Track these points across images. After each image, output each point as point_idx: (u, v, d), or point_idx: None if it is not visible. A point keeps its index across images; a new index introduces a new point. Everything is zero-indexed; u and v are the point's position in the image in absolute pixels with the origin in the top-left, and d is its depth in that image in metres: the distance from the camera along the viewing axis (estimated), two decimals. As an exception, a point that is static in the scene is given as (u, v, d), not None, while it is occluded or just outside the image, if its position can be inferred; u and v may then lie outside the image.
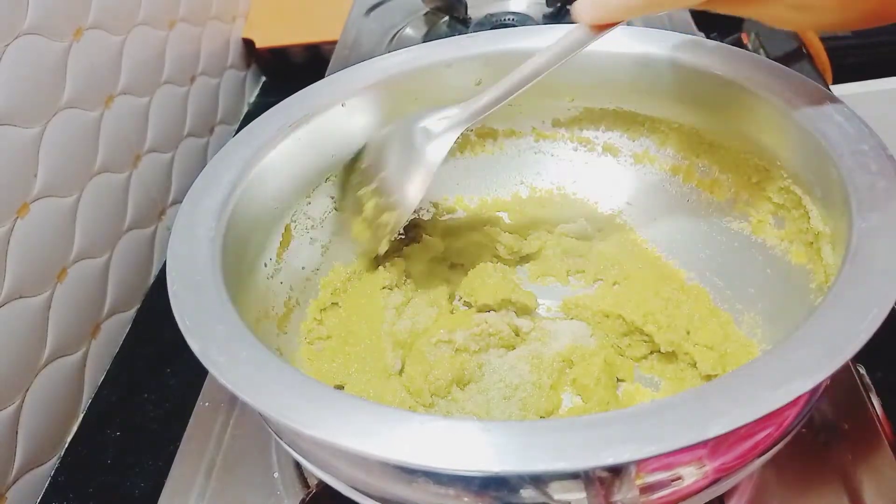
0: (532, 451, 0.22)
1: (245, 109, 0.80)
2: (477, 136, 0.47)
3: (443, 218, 0.47)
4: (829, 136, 0.31)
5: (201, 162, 0.69)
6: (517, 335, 0.42)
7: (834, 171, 0.30)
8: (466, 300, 0.44)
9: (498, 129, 0.47)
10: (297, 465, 0.39)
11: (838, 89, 0.64)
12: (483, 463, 0.22)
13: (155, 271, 0.61)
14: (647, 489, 0.25)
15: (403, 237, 0.46)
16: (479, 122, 0.38)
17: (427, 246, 0.46)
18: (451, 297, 0.45)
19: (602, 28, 0.31)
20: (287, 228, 0.41)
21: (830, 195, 0.31)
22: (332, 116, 0.41)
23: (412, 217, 0.45)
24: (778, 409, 0.22)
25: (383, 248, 0.40)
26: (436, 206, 0.48)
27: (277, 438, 0.32)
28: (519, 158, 0.48)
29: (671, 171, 0.44)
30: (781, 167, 0.37)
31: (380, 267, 0.44)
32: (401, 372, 0.40)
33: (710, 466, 0.25)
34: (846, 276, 0.26)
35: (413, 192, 0.37)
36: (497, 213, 0.47)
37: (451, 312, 0.44)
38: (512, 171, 0.48)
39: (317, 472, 0.30)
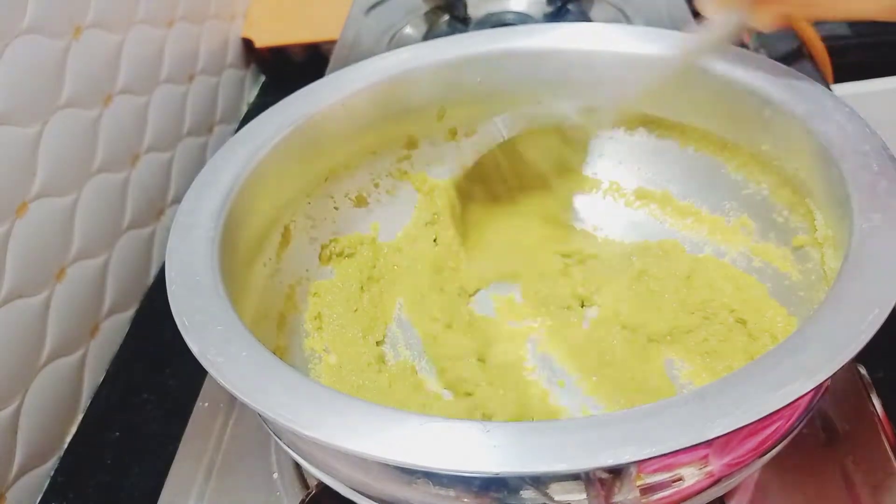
0: (532, 452, 0.22)
1: (244, 109, 0.80)
2: (477, 138, 0.47)
3: None
4: (830, 137, 0.31)
5: (200, 161, 0.69)
6: None
7: (835, 171, 0.30)
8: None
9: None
10: (297, 466, 0.38)
11: (838, 89, 0.64)
12: (483, 464, 0.22)
13: (154, 271, 0.61)
14: (648, 490, 0.25)
15: None
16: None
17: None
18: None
19: None
20: (287, 228, 0.41)
21: (832, 196, 0.31)
22: (332, 116, 0.41)
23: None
24: (779, 410, 0.22)
25: None
26: None
27: (277, 439, 0.32)
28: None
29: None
30: (782, 167, 0.37)
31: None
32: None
33: (711, 467, 0.25)
34: (847, 276, 0.26)
35: None
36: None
37: None
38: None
39: (316, 473, 0.30)
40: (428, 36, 0.70)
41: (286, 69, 0.83)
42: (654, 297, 0.40)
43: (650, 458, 0.21)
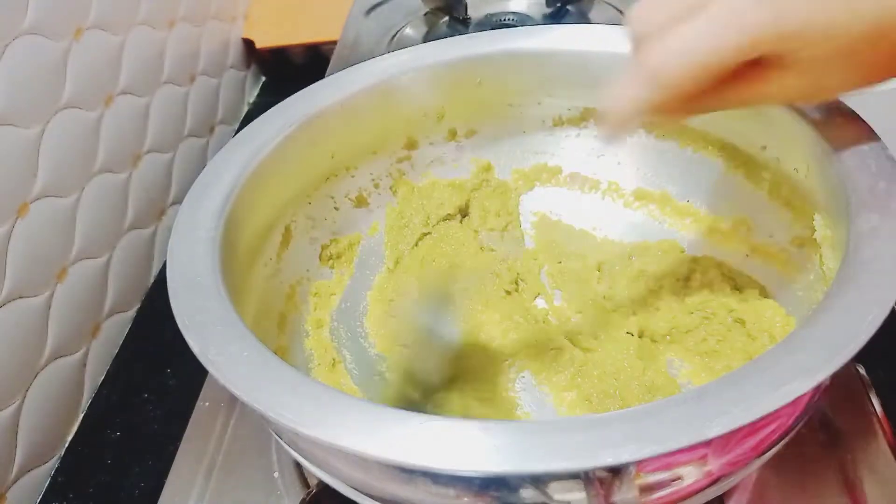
0: (531, 452, 0.22)
1: (245, 109, 0.80)
2: (477, 138, 0.47)
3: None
4: (829, 137, 0.31)
5: (201, 162, 0.69)
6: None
7: (834, 171, 0.30)
8: None
9: (498, 131, 0.47)
10: (298, 465, 0.39)
11: (838, 89, 0.64)
12: (482, 463, 0.22)
13: (155, 271, 0.61)
14: (647, 489, 0.25)
15: None
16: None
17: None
18: None
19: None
20: (287, 228, 0.41)
21: (831, 196, 0.31)
22: (332, 116, 0.41)
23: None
24: (778, 410, 0.22)
25: None
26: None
27: (277, 438, 0.32)
28: (520, 159, 0.48)
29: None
30: (781, 167, 0.37)
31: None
32: None
33: (710, 466, 0.25)
34: (846, 276, 0.26)
35: None
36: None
37: None
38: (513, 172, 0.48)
39: (317, 472, 0.30)
40: (428, 37, 0.70)
41: (287, 70, 0.83)
42: (653, 298, 0.40)
43: (649, 458, 0.21)
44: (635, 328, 0.39)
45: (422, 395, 0.39)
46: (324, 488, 0.36)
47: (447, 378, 0.39)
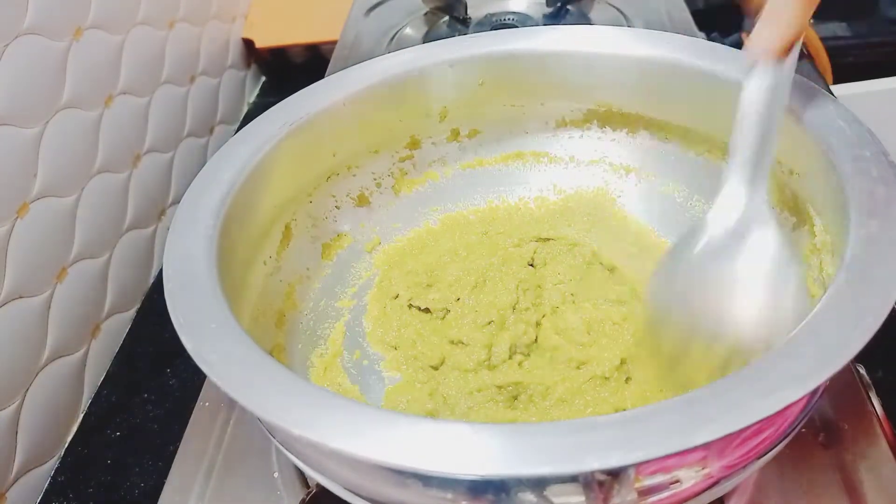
0: (519, 455, 0.22)
1: (245, 109, 0.80)
2: (480, 139, 0.47)
3: None
4: (830, 141, 0.31)
5: (201, 162, 0.69)
6: None
7: (834, 176, 0.30)
8: None
9: (501, 131, 0.47)
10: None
11: (838, 89, 0.64)
12: (469, 466, 0.22)
13: (155, 271, 0.61)
14: (646, 492, 0.25)
15: None
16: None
17: None
18: None
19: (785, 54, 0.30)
20: (287, 227, 0.41)
21: (831, 201, 0.31)
22: (333, 115, 0.41)
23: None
24: (770, 416, 0.22)
25: None
26: None
27: (272, 438, 0.32)
28: (523, 160, 0.48)
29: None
30: (783, 171, 0.37)
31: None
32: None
33: (709, 469, 0.25)
34: (842, 283, 0.25)
35: None
36: None
37: None
38: (517, 174, 0.48)
39: (309, 472, 0.30)
40: (428, 37, 0.70)
41: (287, 70, 0.83)
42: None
43: (638, 463, 0.21)
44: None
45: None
46: (324, 489, 0.36)
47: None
